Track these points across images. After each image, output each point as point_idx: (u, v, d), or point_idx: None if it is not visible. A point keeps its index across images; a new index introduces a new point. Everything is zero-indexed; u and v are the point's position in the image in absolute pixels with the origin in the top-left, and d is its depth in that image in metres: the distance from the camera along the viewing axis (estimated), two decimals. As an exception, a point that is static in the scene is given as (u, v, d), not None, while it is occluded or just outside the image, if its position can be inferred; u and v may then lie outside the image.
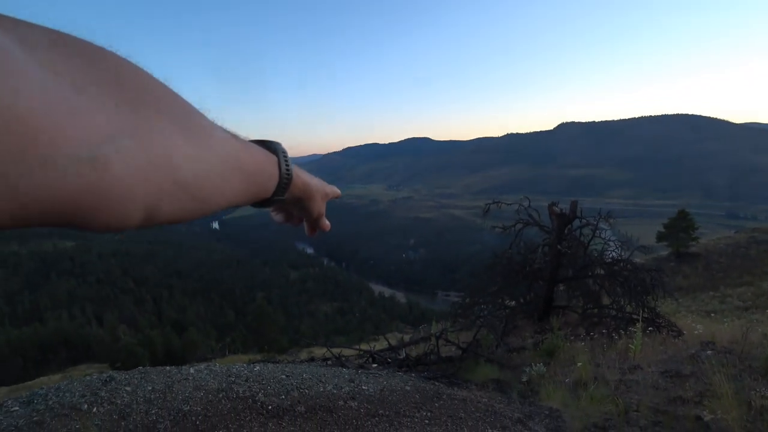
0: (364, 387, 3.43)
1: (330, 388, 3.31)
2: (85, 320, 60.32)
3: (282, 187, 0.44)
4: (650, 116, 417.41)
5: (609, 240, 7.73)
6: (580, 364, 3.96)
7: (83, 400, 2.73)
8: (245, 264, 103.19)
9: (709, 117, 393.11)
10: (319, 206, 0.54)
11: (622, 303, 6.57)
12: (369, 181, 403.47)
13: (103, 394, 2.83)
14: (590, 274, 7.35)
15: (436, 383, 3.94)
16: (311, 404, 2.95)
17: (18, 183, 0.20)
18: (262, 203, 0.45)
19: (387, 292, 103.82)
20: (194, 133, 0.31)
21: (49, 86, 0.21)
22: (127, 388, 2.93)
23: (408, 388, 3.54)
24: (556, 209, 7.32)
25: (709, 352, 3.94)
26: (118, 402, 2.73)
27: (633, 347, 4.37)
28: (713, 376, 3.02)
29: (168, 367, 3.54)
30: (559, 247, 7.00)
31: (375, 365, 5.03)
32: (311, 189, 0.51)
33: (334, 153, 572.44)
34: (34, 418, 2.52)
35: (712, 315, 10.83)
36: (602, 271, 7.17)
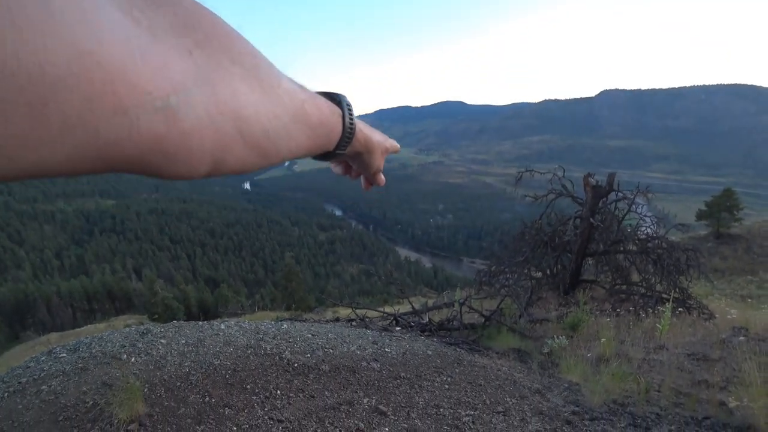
0: (387, 349, 3.52)
1: (354, 348, 3.41)
2: (126, 274, 64.06)
3: (345, 141, 0.43)
4: (702, 85, 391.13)
5: (645, 216, 7.48)
6: (603, 339, 3.92)
7: (123, 350, 2.93)
8: (275, 224, 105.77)
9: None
10: (378, 161, 0.53)
11: (653, 281, 6.42)
12: (400, 145, 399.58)
13: (140, 345, 3.02)
14: (622, 249, 7.17)
15: (458, 349, 3.99)
16: (335, 364, 3.05)
17: (96, 129, 0.20)
18: (323, 156, 0.45)
19: (413, 256, 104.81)
20: (264, 84, 0.31)
21: (129, 33, 0.21)
22: (163, 341, 3.11)
23: (430, 352, 3.61)
24: (592, 181, 7.09)
25: (741, 338, 3.84)
26: (154, 353, 2.91)
27: (660, 327, 4.28)
28: (743, 362, 2.94)
29: (200, 322, 3.72)
30: (591, 220, 6.82)
31: (398, 328, 5.13)
32: (372, 143, 0.50)
33: (366, 115, 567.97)
34: (79, 365, 2.72)
35: (749, 300, 10.44)
36: (634, 248, 6.99)
